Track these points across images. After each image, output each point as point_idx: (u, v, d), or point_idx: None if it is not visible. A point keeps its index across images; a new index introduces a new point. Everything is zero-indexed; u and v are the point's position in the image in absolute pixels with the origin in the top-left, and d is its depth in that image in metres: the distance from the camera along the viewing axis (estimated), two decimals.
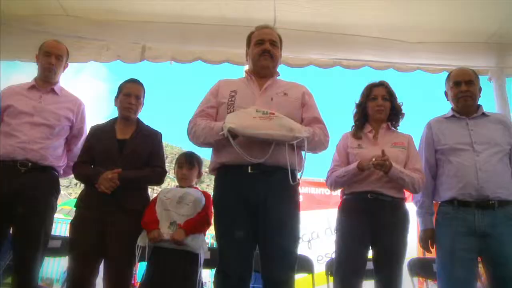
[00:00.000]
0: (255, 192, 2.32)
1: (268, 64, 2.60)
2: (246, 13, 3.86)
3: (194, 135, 2.49)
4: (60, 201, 3.12)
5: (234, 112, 2.38)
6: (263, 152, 2.27)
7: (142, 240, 2.74)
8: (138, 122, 3.07)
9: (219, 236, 2.42)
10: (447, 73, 3.09)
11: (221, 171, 2.47)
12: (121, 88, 3.05)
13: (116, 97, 3.05)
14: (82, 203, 2.86)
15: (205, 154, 3.07)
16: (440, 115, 3.04)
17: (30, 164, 2.85)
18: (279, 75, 2.69)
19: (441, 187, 2.89)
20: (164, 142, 3.19)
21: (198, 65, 4.23)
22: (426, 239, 2.90)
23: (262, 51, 2.58)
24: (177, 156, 3.24)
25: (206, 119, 2.51)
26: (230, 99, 2.50)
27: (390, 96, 2.95)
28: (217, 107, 2.56)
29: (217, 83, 2.69)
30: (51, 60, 3.10)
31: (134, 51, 4.16)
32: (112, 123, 3.05)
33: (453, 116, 2.94)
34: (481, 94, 2.99)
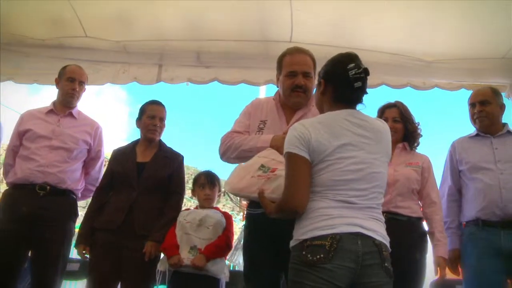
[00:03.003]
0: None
1: (301, 100, 2.42)
2: (263, 29, 3.80)
3: (231, 145, 2.41)
4: (78, 222, 3.13)
5: (238, 167, 2.29)
6: None
7: (162, 265, 2.71)
8: (160, 144, 3.03)
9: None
10: (465, 90, 3.06)
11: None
12: (144, 110, 3.01)
13: (139, 119, 3.02)
14: (99, 226, 2.83)
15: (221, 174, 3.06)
16: (465, 135, 3.01)
17: (48, 187, 2.87)
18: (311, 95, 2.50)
19: (465, 207, 2.85)
20: None
21: (214, 85, 4.20)
22: (452, 259, 2.83)
23: (295, 86, 2.39)
24: (193, 176, 3.20)
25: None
26: (258, 132, 2.43)
27: (402, 117, 2.88)
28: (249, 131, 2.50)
29: (251, 105, 2.61)
30: (75, 86, 3.12)
31: (150, 73, 4.18)
32: (133, 145, 3.03)
33: (477, 135, 2.91)
34: (504, 111, 2.93)
